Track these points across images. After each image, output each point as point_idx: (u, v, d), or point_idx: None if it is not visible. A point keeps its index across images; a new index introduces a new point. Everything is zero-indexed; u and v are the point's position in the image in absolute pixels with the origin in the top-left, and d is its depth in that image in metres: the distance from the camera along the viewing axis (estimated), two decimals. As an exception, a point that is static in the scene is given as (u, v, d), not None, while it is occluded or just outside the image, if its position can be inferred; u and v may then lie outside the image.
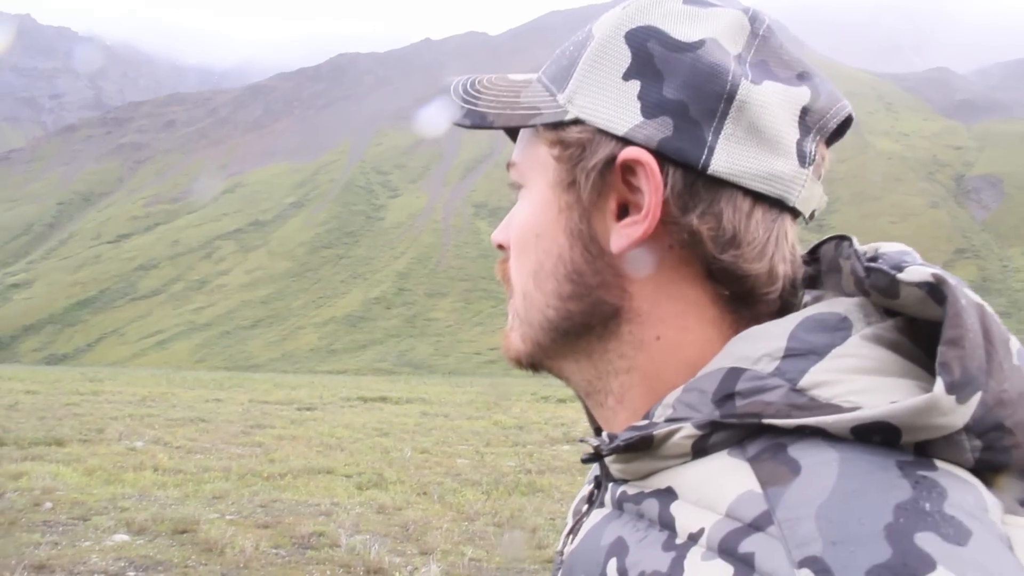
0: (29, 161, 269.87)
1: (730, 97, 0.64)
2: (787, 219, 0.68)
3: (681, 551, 0.57)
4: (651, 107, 0.65)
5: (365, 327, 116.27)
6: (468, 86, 0.76)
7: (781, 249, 0.68)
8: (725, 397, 0.61)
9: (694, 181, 0.64)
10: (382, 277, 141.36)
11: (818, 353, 0.60)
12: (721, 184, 0.65)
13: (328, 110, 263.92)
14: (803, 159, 0.66)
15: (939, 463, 0.55)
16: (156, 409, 19.80)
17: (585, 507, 0.76)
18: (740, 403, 0.60)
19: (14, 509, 8.19)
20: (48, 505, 8.45)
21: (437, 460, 12.68)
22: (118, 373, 50.05)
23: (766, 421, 0.58)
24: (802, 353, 0.60)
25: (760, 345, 0.63)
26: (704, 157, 0.64)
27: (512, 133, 0.79)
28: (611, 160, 0.66)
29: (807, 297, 0.70)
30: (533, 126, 0.71)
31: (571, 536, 0.76)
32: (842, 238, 0.69)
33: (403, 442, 14.59)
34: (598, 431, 0.78)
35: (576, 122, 0.68)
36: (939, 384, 0.53)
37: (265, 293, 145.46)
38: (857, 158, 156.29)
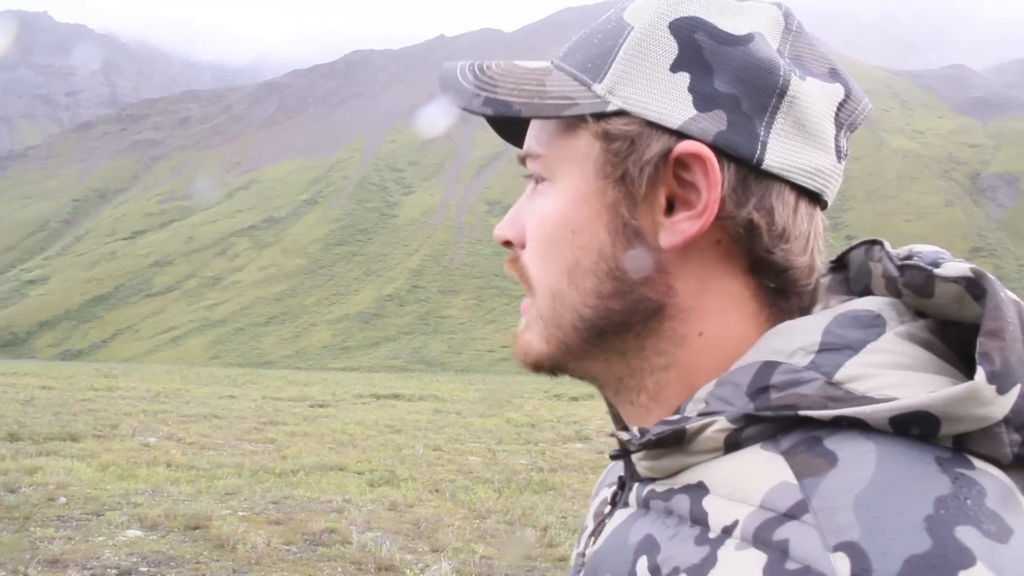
0: (45, 158, 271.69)
1: (782, 92, 0.64)
2: (819, 212, 0.69)
3: (715, 545, 0.57)
4: (704, 100, 0.64)
5: (378, 324, 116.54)
6: (478, 72, 0.73)
7: (818, 242, 0.68)
8: (760, 390, 0.60)
9: (746, 176, 0.64)
10: (395, 274, 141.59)
11: (853, 348, 0.60)
12: (771, 178, 0.65)
13: (342, 107, 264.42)
14: (839, 154, 0.68)
15: (977, 462, 0.54)
16: (170, 405, 19.90)
17: (608, 508, 0.75)
18: (775, 396, 0.59)
19: (28, 504, 8.24)
20: (62, 500, 8.50)
21: (449, 457, 12.69)
22: (132, 369, 50.33)
23: (802, 413, 0.57)
24: (837, 348, 0.60)
25: (795, 339, 0.62)
26: (758, 152, 0.64)
27: (508, 127, 0.78)
28: (666, 153, 0.65)
29: (834, 302, 0.69)
30: (569, 117, 0.68)
31: (593, 538, 0.75)
32: (872, 242, 0.69)
33: (415, 439, 14.61)
34: (622, 429, 0.75)
35: (620, 113, 0.66)
36: (980, 373, 0.53)
37: (279, 290, 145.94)
38: (872, 156, 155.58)
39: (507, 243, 0.75)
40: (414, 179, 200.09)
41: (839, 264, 0.73)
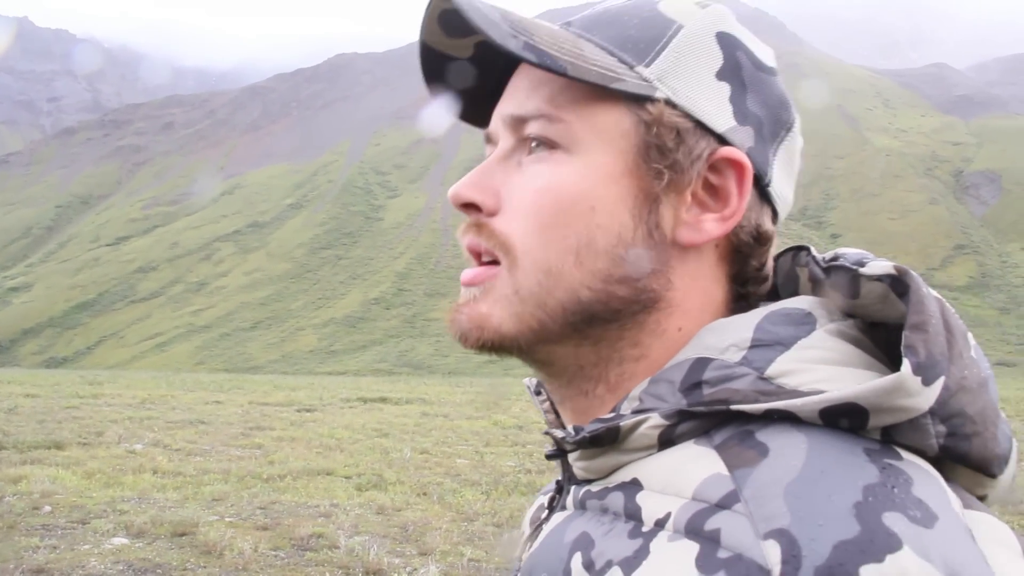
0: (27, 164, 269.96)
1: (789, 127, 0.70)
2: None
3: (648, 537, 0.57)
4: (741, 114, 0.67)
5: (364, 328, 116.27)
6: (513, 20, 0.68)
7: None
8: (692, 386, 0.61)
9: (755, 193, 0.68)
10: (381, 278, 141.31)
11: (784, 344, 0.61)
12: (765, 199, 0.69)
13: (326, 111, 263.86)
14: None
15: (904, 453, 0.56)
16: (156, 412, 19.77)
17: (544, 513, 0.76)
18: (707, 391, 0.60)
19: (13, 513, 8.17)
20: (47, 508, 8.43)
21: (437, 460, 12.66)
22: (117, 376, 50.01)
23: (734, 407, 0.58)
24: (768, 344, 0.61)
25: (727, 336, 0.63)
26: (769, 173, 0.68)
27: (470, 97, 0.78)
28: (710, 154, 0.67)
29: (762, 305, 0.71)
30: (616, 91, 0.66)
31: (529, 543, 0.75)
32: (799, 248, 0.71)
33: (403, 443, 14.57)
34: (554, 425, 0.76)
35: (667, 103, 0.66)
36: (906, 364, 0.54)
37: (264, 295, 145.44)
38: (856, 155, 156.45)
39: (470, 206, 0.72)
40: (399, 182, 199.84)
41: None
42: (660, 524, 0.57)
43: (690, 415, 0.60)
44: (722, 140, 0.66)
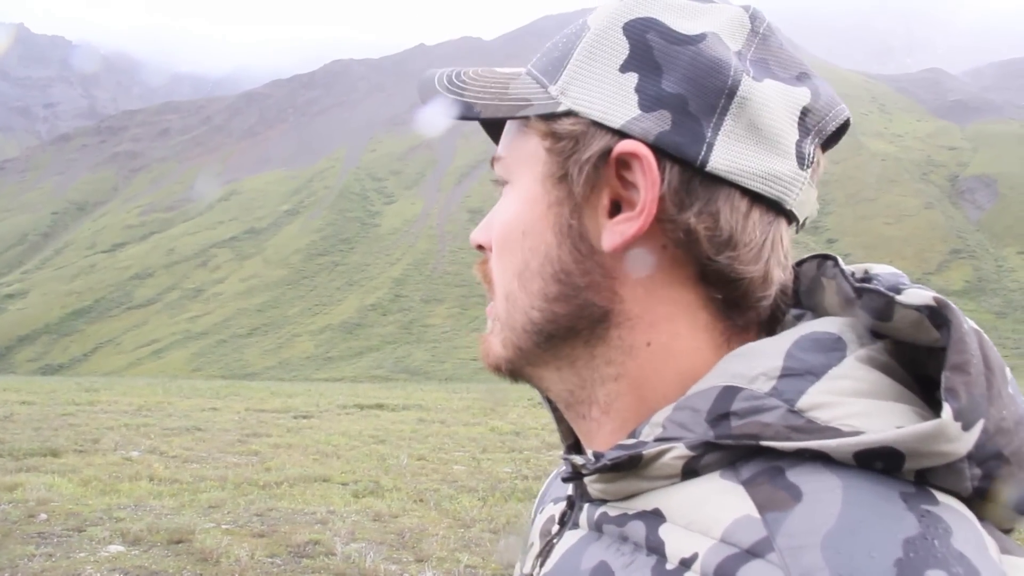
0: (23, 171, 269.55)
1: (731, 93, 0.62)
2: (783, 223, 0.66)
3: None
4: (649, 100, 0.62)
5: (361, 334, 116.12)
6: (453, 77, 0.73)
7: (776, 253, 0.65)
8: (720, 417, 0.59)
9: (691, 178, 0.62)
10: (378, 284, 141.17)
11: (815, 374, 0.58)
12: (719, 182, 0.62)
13: (322, 117, 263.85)
14: (802, 161, 0.64)
15: (939, 496, 0.54)
16: (152, 419, 19.74)
17: (556, 528, 0.73)
18: (736, 423, 0.58)
19: (8, 521, 8.16)
20: (43, 516, 8.42)
21: (433, 467, 12.66)
22: (114, 383, 49.92)
23: (764, 443, 0.56)
24: (799, 373, 0.59)
25: (756, 363, 0.61)
26: (703, 153, 0.61)
27: (496, 131, 0.77)
28: (605, 153, 0.64)
29: (788, 315, 0.69)
30: (523, 117, 0.68)
31: (540, 559, 0.73)
32: (825, 257, 0.67)
33: (400, 449, 14.57)
34: (570, 447, 0.76)
35: (569, 114, 0.65)
36: (947, 410, 0.52)
37: (261, 301, 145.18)
38: (851, 159, 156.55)
39: (480, 247, 0.75)
40: (395, 188, 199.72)
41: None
42: (686, 564, 0.55)
43: (716, 447, 0.58)
44: (624, 135, 0.63)
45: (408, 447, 14.94)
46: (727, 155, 0.62)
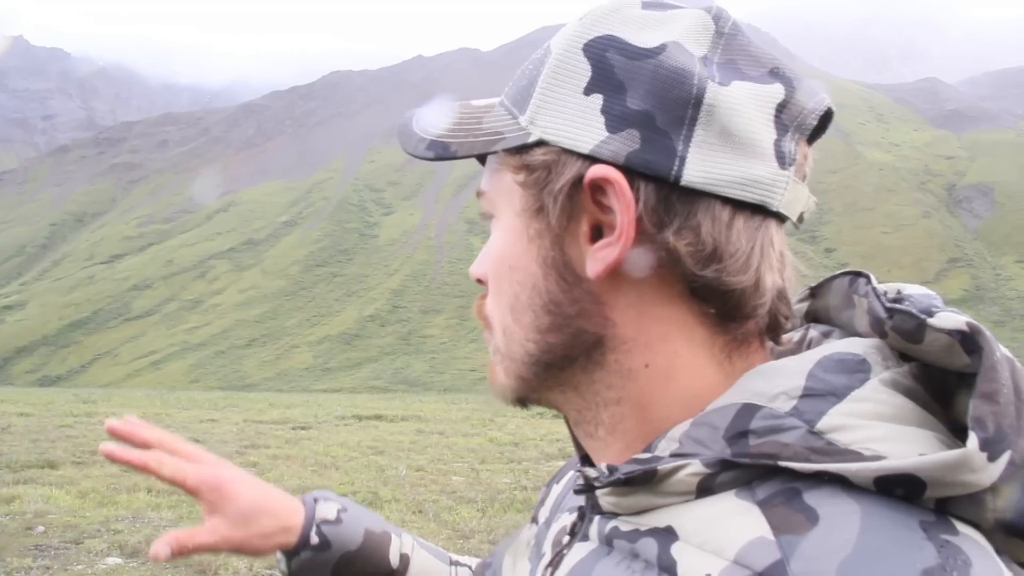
0: (22, 182, 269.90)
1: (697, 102, 0.60)
2: (772, 225, 0.64)
3: None
4: (616, 120, 0.61)
5: (360, 345, 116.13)
6: (430, 120, 0.73)
7: (768, 258, 0.64)
8: (738, 435, 0.58)
9: (668, 194, 0.61)
10: (376, 295, 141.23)
11: (837, 395, 0.57)
12: (697, 195, 0.61)
13: (321, 128, 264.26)
14: (782, 160, 0.62)
15: (960, 526, 0.53)
16: (150, 430, 19.66)
17: (566, 539, 0.73)
18: (754, 442, 0.57)
19: (5, 533, 8.12)
20: (40, 529, 8.39)
21: (432, 478, 12.63)
22: (112, 394, 49.83)
23: (782, 463, 0.55)
24: (821, 394, 0.57)
25: (777, 382, 0.60)
26: (676, 168, 0.60)
27: (484, 161, 0.75)
28: (578, 180, 0.62)
29: (814, 332, 0.68)
30: (496, 152, 0.68)
31: (551, 569, 0.72)
32: (858, 274, 0.66)
33: (398, 460, 14.53)
34: (584, 458, 0.75)
35: (540, 144, 0.64)
36: (973, 440, 0.51)
37: (259, 312, 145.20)
38: (849, 169, 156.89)
39: (480, 280, 0.74)
40: (394, 199, 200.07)
41: (819, 290, 0.71)
42: None
43: (733, 465, 0.57)
44: (595, 159, 0.62)
45: (407, 458, 14.90)
46: (701, 166, 0.60)
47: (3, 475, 11.73)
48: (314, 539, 1.04)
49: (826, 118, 0.65)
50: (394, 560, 1.07)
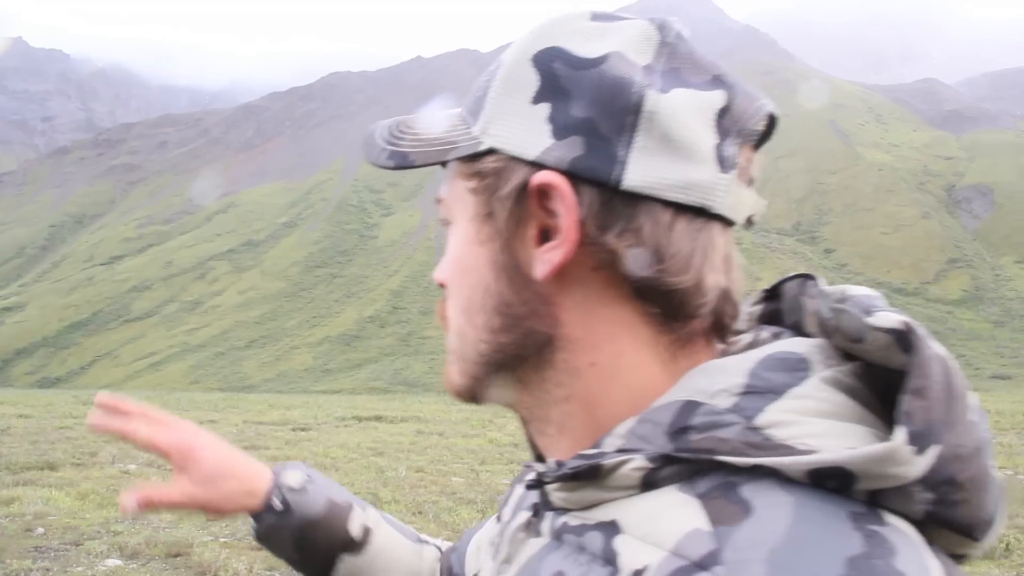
0: (21, 184, 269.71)
1: (637, 109, 0.62)
2: (715, 228, 0.66)
3: None
4: (561, 128, 0.64)
5: (359, 346, 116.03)
6: (394, 128, 0.76)
7: (710, 260, 0.66)
8: (679, 430, 0.60)
9: (610, 199, 0.63)
10: (376, 296, 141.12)
11: (776, 392, 0.59)
12: (639, 199, 0.63)
13: (320, 129, 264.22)
14: (723, 164, 0.64)
15: (888, 518, 0.55)
16: (150, 431, 19.65)
17: (521, 535, 0.74)
18: (694, 437, 0.59)
19: (5, 535, 8.12)
20: (40, 530, 8.39)
21: (432, 479, 12.62)
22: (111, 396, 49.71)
23: (720, 458, 0.57)
24: (761, 391, 0.60)
25: (719, 380, 0.62)
26: (616, 172, 0.62)
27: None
28: (525, 186, 0.65)
29: (765, 333, 0.69)
30: (450, 160, 0.71)
31: (506, 565, 0.75)
32: (807, 277, 0.68)
33: (398, 461, 14.53)
34: (540, 457, 0.76)
35: (491, 152, 0.67)
36: (900, 433, 0.53)
37: (259, 313, 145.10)
38: (848, 170, 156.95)
39: (442, 285, 0.77)
40: (393, 200, 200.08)
41: (773, 294, 0.73)
42: (637, 575, 0.56)
43: (675, 459, 0.59)
44: (540, 166, 0.65)
45: (406, 459, 14.90)
46: (641, 171, 0.62)
47: (3, 477, 11.73)
48: (277, 504, 1.10)
49: (771, 123, 0.68)
50: (355, 531, 1.13)
